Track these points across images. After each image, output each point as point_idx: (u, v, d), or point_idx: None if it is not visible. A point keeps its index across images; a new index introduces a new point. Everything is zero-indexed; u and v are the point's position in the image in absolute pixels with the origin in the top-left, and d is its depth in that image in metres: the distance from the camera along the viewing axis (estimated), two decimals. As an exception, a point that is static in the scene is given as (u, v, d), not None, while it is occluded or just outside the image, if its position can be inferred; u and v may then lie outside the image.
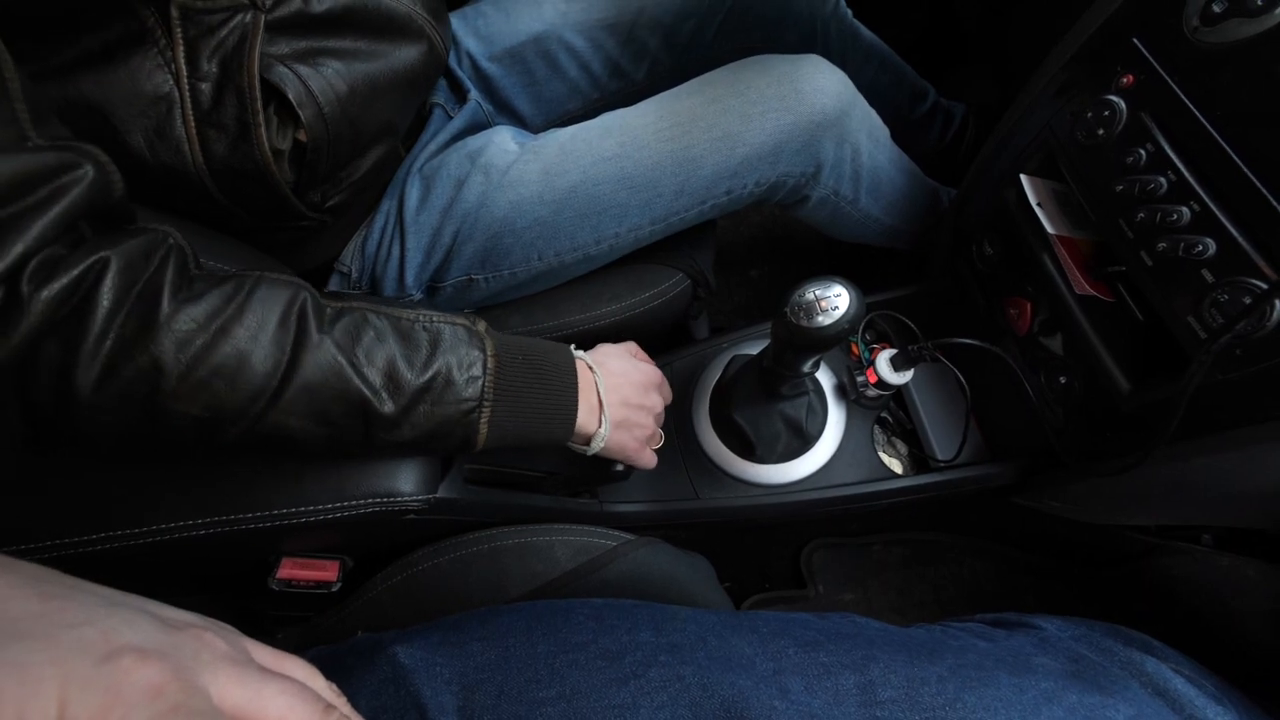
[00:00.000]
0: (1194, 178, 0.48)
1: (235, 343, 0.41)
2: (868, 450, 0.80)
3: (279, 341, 0.42)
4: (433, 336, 0.50)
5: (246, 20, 0.55)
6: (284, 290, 0.44)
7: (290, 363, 0.42)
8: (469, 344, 0.51)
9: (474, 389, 0.50)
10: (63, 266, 0.36)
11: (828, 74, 0.72)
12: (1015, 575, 1.04)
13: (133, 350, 0.38)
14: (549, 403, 0.55)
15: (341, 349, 0.45)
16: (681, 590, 0.65)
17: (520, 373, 0.53)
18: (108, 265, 0.38)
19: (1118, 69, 0.53)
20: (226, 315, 0.41)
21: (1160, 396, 0.52)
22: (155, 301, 0.39)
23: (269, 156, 0.57)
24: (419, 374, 0.47)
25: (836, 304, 0.54)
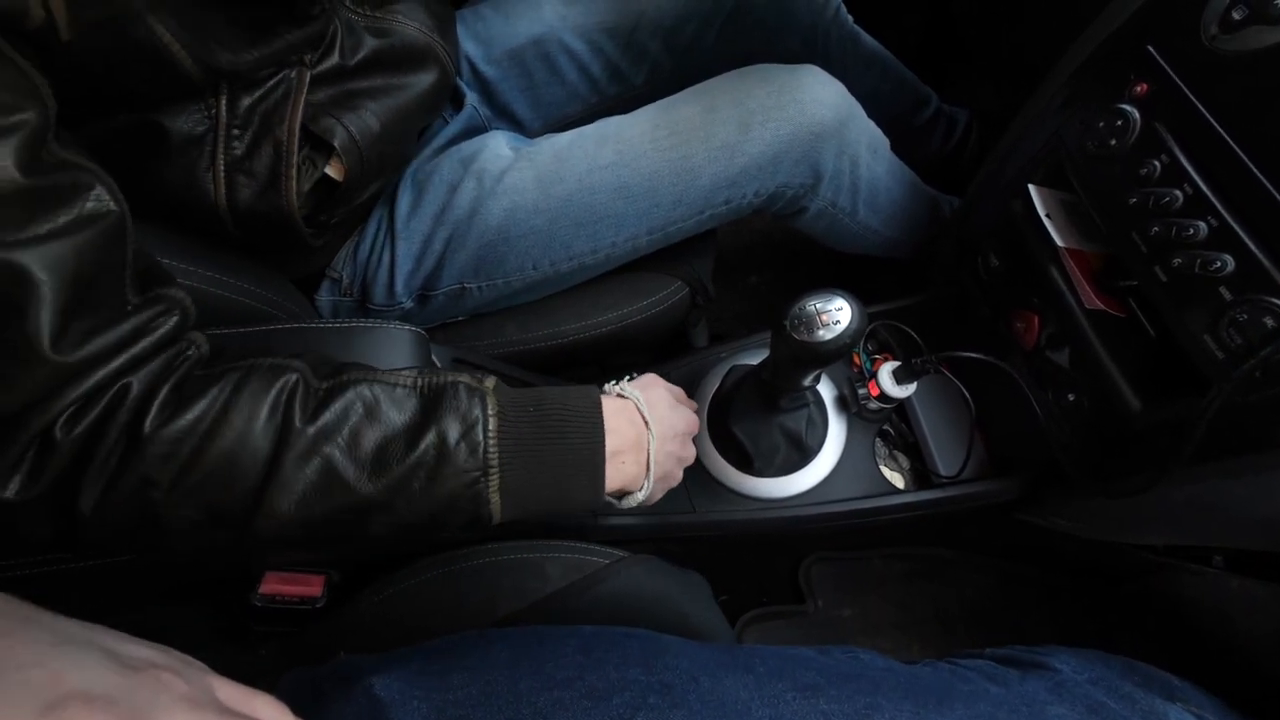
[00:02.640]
0: (1211, 191, 0.46)
1: (221, 445, 0.40)
2: (869, 464, 0.79)
3: (266, 436, 0.41)
4: (426, 402, 0.44)
5: (292, 76, 0.55)
6: (273, 380, 0.42)
7: (273, 462, 0.40)
8: (469, 404, 0.45)
9: (475, 458, 0.44)
10: (90, 405, 0.38)
11: (826, 84, 0.71)
12: (1018, 590, 1.02)
13: (125, 471, 0.38)
14: (572, 459, 0.48)
15: (326, 438, 0.42)
16: (675, 610, 0.63)
17: (532, 429, 0.46)
18: (128, 391, 0.39)
19: (1130, 77, 0.51)
20: (212, 418, 0.40)
21: (1173, 417, 0.50)
22: (140, 417, 0.39)
23: (295, 204, 0.57)
24: (409, 447, 0.43)
25: (838, 318, 0.52)
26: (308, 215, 0.61)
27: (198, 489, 0.40)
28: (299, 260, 0.70)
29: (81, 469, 0.38)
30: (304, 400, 0.42)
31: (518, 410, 0.46)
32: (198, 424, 0.39)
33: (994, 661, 0.54)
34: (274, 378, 0.42)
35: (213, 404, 0.40)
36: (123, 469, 0.38)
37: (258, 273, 0.64)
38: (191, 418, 0.39)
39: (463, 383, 0.46)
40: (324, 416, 0.42)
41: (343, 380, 0.44)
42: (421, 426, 0.43)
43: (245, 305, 0.61)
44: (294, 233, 0.59)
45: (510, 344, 0.77)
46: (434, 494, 0.43)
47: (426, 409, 0.44)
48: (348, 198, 0.62)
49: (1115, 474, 0.57)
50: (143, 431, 0.38)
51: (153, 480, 0.39)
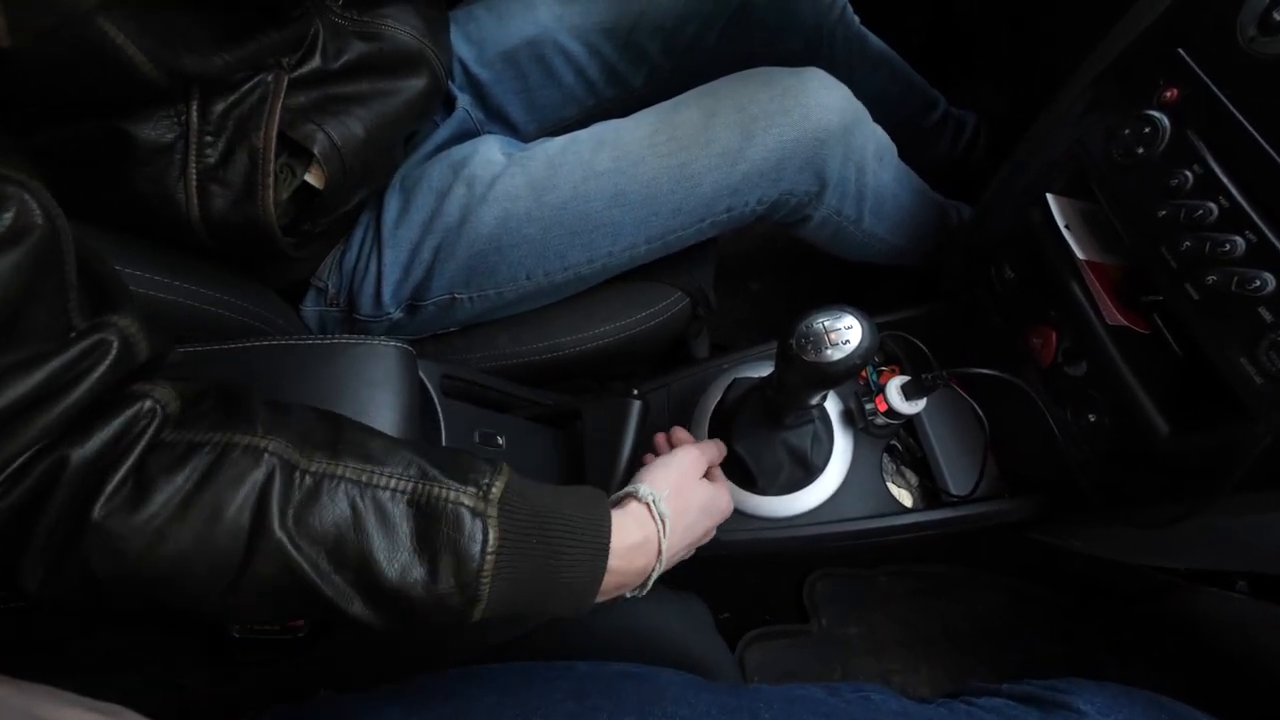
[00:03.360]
0: (1249, 204, 0.43)
1: (178, 544, 0.35)
2: (876, 481, 0.76)
3: (235, 536, 0.36)
4: (420, 521, 0.40)
5: (269, 80, 0.52)
6: (248, 469, 0.37)
7: (243, 563, 0.36)
8: (470, 532, 0.40)
9: (465, 594, 0.40)
10: (21, 475, 0.33)
11: (831, 88, 0.68)
12: (1028, 610, 0.99)
13: (64, 563, 0.35)
14: (563, 592, 0.44)
15: (304, 552, 0.37)
16: (674, 641, 0.60)
17: (530, 562, 0.42)
18: (64, 466, 0.34)
19: (1160, 82, 0.48)
20: (169, 514, 0.35)
21: (1208, 445, 0.47)
22: (88, 505, 0.34)
23: (272, 214, 0.54)
24: (398, 574, 0.38)
25: (848, 337, 0.49)
26: (288, 225, 0.58)
27: (146, 589, 0.36)
28: (281, 270, 0.67)
29: (18, 549, 0.34)
30: (283, 492, 0.37)
31: (522, 540, 0.42)
32: (152, 520, 0.35)
33: (1012, 700, 0.52)
34: (249, 467, 0.37)
35: (173, 496, 0.35)
36: (66, 555, 0.34)
37: (238, 283, 0.61)
38: (147, 513, 0.35)
39: (465, 506, 0.40)
40: (304, 525, 0.37)
41: (334, 473, 0.39)
42: (412, 556, 0.39)
43: (225, 318, 0.58)
44: (272, 244, 0.56)
45: (502, 357, 0.75)
46: (415, 615, 0.40)
47: (421, 531, 0.39)
48: (330, 206, 0.60)
49: (1140, 499, 0.54)
50: (89, 518, 0.34)
51: (96, 575, 0.35)
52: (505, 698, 0.42)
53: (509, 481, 0.43)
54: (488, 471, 0.43)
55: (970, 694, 0.53)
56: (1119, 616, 0.97)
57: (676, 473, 0.53)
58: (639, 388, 0.82)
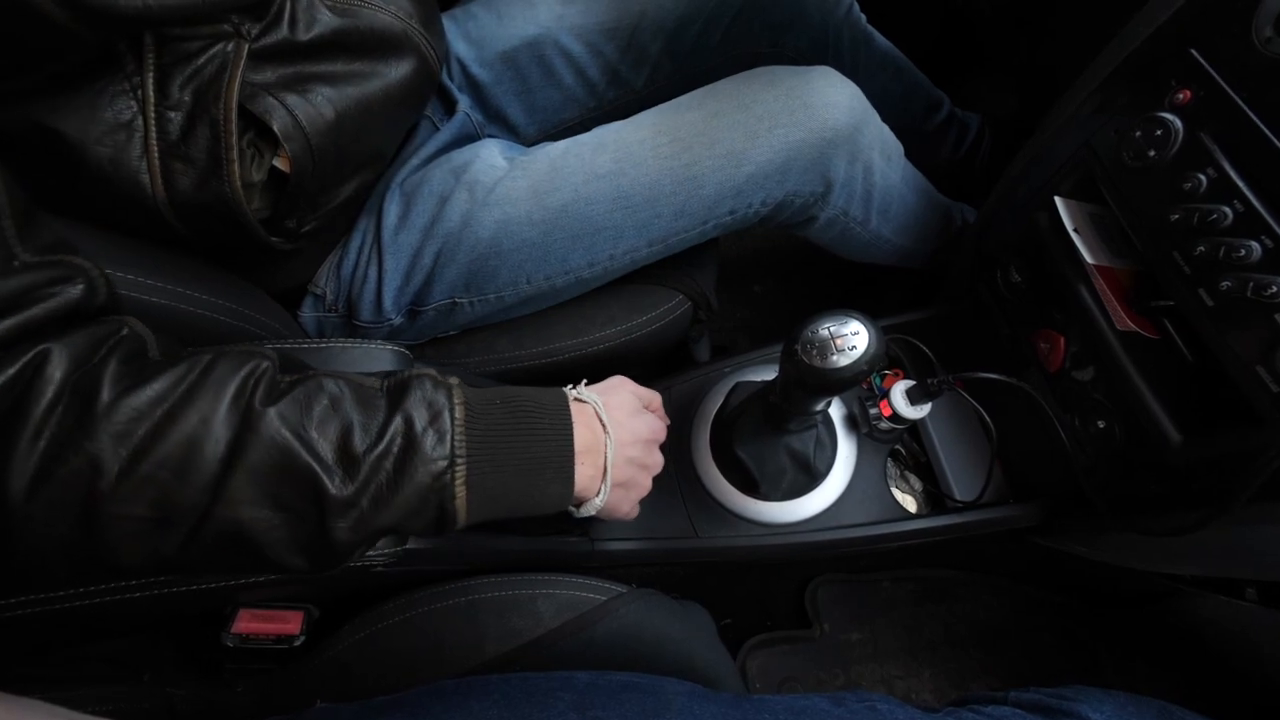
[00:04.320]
0: (1265, 208, 0.42)
1: (183, 429, 0.36)
2: (880, 487, 0.75)
3: (229, 422, 0.37)
4: (391, 395, 0.43)
5: (228, 49, 0.50)
6: (240, 365, 0.39)
7: (235, 443, 0.37)
8: (434, 393, 0.44)
9: (443, 446, 0.42)
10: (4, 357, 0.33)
11: (839, 87, 0.67)
12: (1030, 614, 0.98)
13: (66, 449, 0.34)
14: (540, 452, 0.47)
15: (287, 422, 0.39)
16: (676, 650, 0.59)
17: (500, 419, 0.45)
18: (48, 358, 0.34)
19: (1172, 83, 0.47)
20: (174, 399, 0.36)
21: (1222, 453, 0.46)
22: (93, 392, 0.34)
23: (240, 193, 0.52)
24: (375, 438, 0.41)
25: (854, 343, 0.49)
26: (270, 219, 0.56)
27: (150, 479, 0.35)
28: (277, 272, 0.66)
29: (6, 445, 0.33)
30: (269, 387, 0.40)
31: (484, 403, 0.45)
32: (159, 402, 0.35)
33: (1020, 708, 0.51)
34: (243, 362, 0.39)
35: (178, 382, 0.36)
36: (67, 443, 0.33)
37: (233, 288, 0.60)
38: (152, 394, 0.35)
39: (428, 376, 0.45)
40: (286, 401, 0.39)
41: (308, 374, 0.42)
42: (388, 416, 0.42)
43: (220, 322, 0.57)
44: (248, 229, 0.54)
45: (503, 361, 0.74)
46: (401, 486, 0.41)
47: (393, 401, 0.42)
48: (308, 198, 0.58)
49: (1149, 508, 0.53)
50: (95, 405, 0.34)
51: (100, 465, 0.34)
52: (505, 710, 0.41)
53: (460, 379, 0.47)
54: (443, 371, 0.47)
55: (977, 702, 0.53)
56: (1121, 621, 0.96)
57: (608, 387, 0.56)
58: (640, 392, 0.81)
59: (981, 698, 0.53)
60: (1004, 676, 0.94)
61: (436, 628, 0.57)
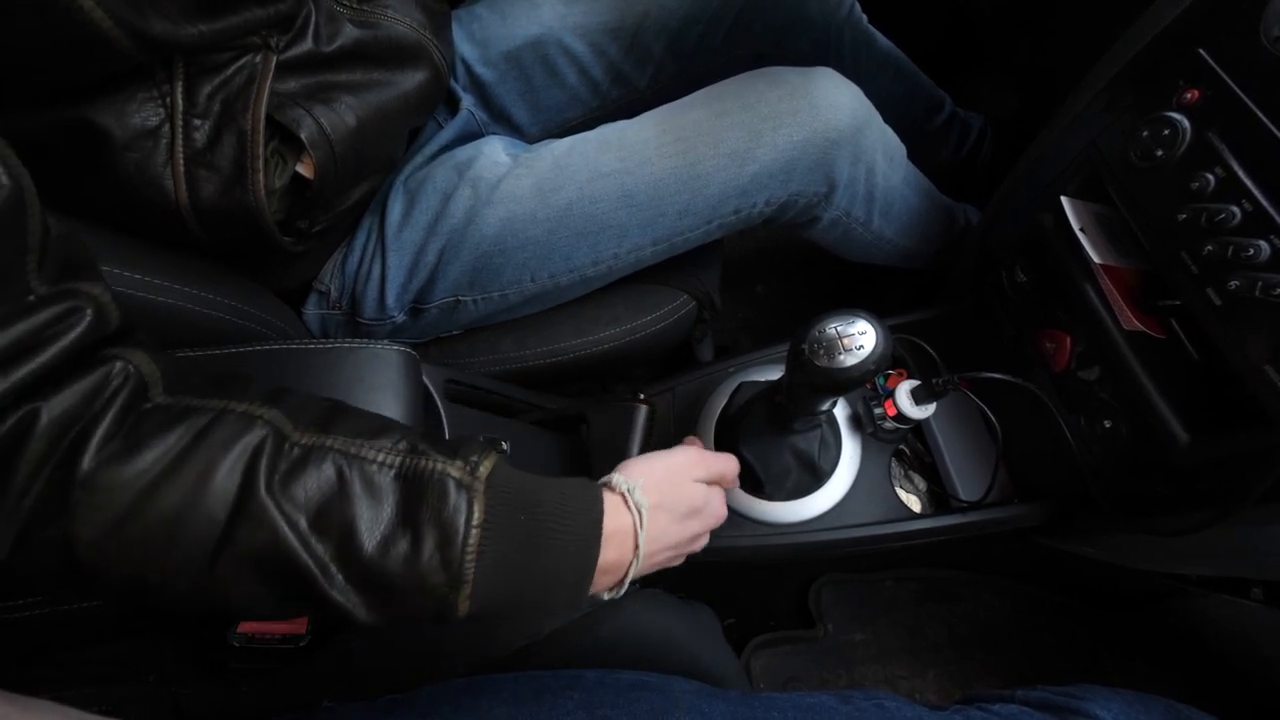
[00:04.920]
0: (1274, 207, 0.42)
1: (167, 505, 0.34)
2: (884, 487, 0.75)
3: (221, 500, 0.35)
4: (406, 492, 0.38)
5: (257, 61, 0.51)
6: (241, 431, 0.37)
7: (227, 527, 0.35)
8: (454, 507, 0.38)
9: (447, 572, 0.37)
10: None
11: (842, 87, 0.67)
12: (1033, 614, 0.98)
13: (44, 520, 0.33)
14: (553, 583, 0.42)
15: (286, 515, 0.36)
16: (681, 649, 0.59)
17: (518, 542, 0.40)
18: (36, 419, 0.32)
19: (1179, 83, 0.47)
20: (161, 470, 0.34)
21: (1230, 453, 0.46)
22: (75, 461, 0.33)
23: (264, 200, 0.52)
24: (379, 546, 0.37)
25: (861, 343, 0.48)
26: (284, 220, 0.57)
27: (126, 555, 0.34)
28: (282, 271, 0.66)
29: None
30: (271, 460, 0.37)
31: (509, 517, 0.40)
32: (143, 475, 0.34)
33: (1027, 706, 0.51)
34: (242, 430, 0.37)
35: (166, 452, 0.35)
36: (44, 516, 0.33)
37: (238, 286, 0.60)
38: (139, 467, 0.34)
39: (451, 477, 0.39)
40: (291, 489, 0.36)
41: (323, 444, 0.38)
42: (395, 529, 0.37)
43: (224, 321, 0.57)
44: (267, 235, 0.55)
45: (506, 361, 0.74)
46: (395, 599, 0.38)
47: (406, 503, 0.38)
48: (325, 201, 0.58)
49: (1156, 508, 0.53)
50: (76, 473, 0.33)
51: (75, 539, 0.33)
52: (514, 709, 0.41)
53: (498, 461, 0.42)
54: (479, 449, 0.41)
55: (984, 700, 0.53)
56: (1122, 621, 0.96)
57: (662, 468, 0.49)
58: (644, 391, 0.81)
59: (988, 696, 0.53)
60: (1007, 677, 0.94)
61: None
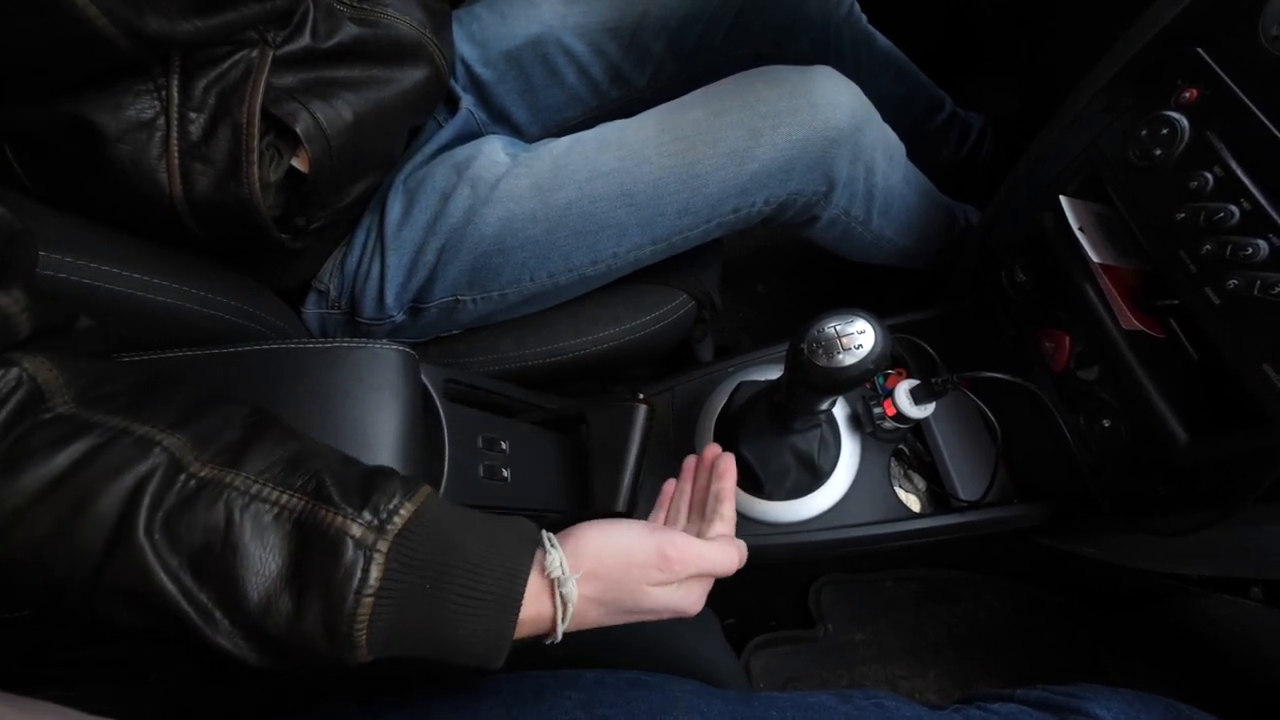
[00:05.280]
0: (1272, 207, 0.42)
1: (37, 530, 0.33)
2: (884, 486, 0.75)
3: (99, 532, 0.33)
4: (297, 546, 0.35)
5: (253, 55, 0.51)
6: (133, 460, 0.34)
7: (99, 565, 0.33)
8: (349, 567, 0.35)
9: (331, 640, 0.35)
10: None
11: (841, 86, 0.67)
12: (1032, 614, 0.98)
13: None
14: (460, 646, 0.38)
15: (163, 559, 0.33)
16: (681, 647, 0.59)
17: (419, 613, 0.36)
18: None
19: (1178, 82, 0.47)
20: (36, 491, 0.32)
21: (1229, 452, 0.46)
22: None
23: (258, 194, 0.52)
24: (262, 603, 0.34)
25: (860, 342, 0.49)
26: (281, 216, 0.57)
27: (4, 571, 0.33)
28: (281, 270, 0.66)
29: None
30: (157, 495, 0.34)
31: (410, 584, 0.36)
32: (10, 497, 0.32)
33: (1027, 706, 0.51)
34: (134, 458, 0.34)
35: (44, 475, 0.33)
36: None
37: (237, 285, 0.60)
38: (17, 485, 0.32)
39: (350, 536, 0.35)
40: (176, 527, 0.34)
41: (221, 480, 0.35)
42: (279, 586, 0.34)
43: (224, 321, 0.57)
44: (262, 230, 0.55)
45: (506, 360, 0.74)
46: (288, 647, 0.35)
47: (295, 558, 0.35)
48: (321, 197, 0.58)
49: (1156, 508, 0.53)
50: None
51: None
52: (513, 709, 0.41)
53: (420, 510, 0.37)
54: (397, 495, 0.37)
55: (983, 700, 0.53)
56: (1122, 621, 0.96)
57: (619, 561, 0.42)
58: (644, 391, 0.81)
59: (988, 695, 0.53)
60: (1007, 677, 0.94)
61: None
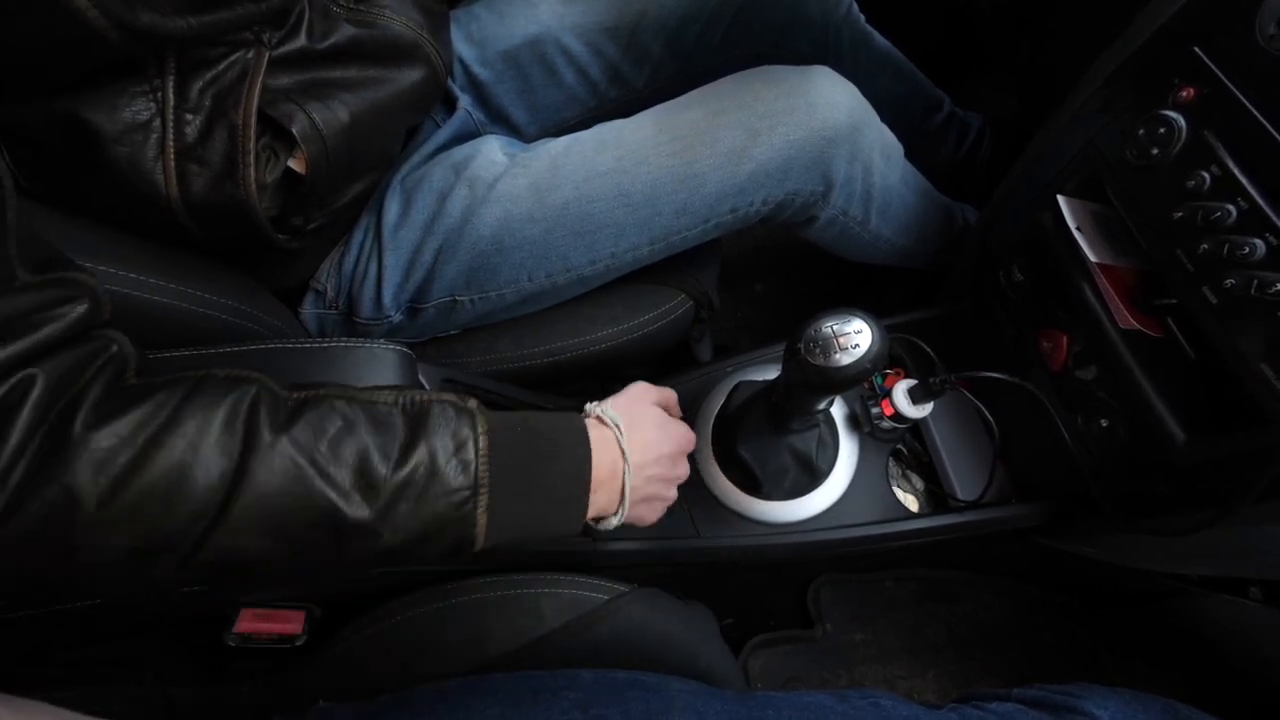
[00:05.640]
0: (1269, 206, 0.42)
1: (170, 455, 0.34)
2: (882, 486, 0.75)
3: (224, 448, 0.36)
4: (412, 419, 0.41)
5: (249, 56, 0.51)
6: (230, 388, 0.38)
7: (238, 471, 0.36)
8: (457, 422, 0.42)
9: (466, 476, 0.41)
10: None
11: (839, 87, 0.67)
12: (1032, 614, 0.98)
13: (40, 481, 0.32)
14: (558, 486, 0.46)
15: (301, 448, 0.37)
16: (679, 648, 0.59)
17: (521, 450, 0.44)
18: (33, 384, 0.33)
19: (1175, 81, 0.47)
20: (158, 423, 0.35)
21: (1226, 453, 0.46)
22: (70, 419, 0.33)
23: (254, 195, 0.52)
24: (397, 465, 0.39)
25: (857, 341, 0.48)
26: (277, 217, 0.57)
27: (133, 509, 0.34)
28: (279, 269, 0.66)
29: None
30: (272, 410, 0.38)
31: (507, 431, 0.44)
32: (141, 428, 0.34)
33: (1023, 705, 0.51)
34: (231, 387, 0.38)
35: (160, 407, 0.35)
36: (40, 477, 0.32)
37: (235, 285, 0.60)
38: (135, 420, 0.34)
39: (449, 401, 0.43)
40: (297, 426, 0.38)
41: (319, 393, 0.40)
42: (410, 443, 0.40)
43: (221, 321, 0.57)
44: (260, 231, 0.55)
45: (504, 360, 0.74)
46: (422, 515, 0.40)
47: (414, 427, 0.41)
48: (319, 197, 0.58)
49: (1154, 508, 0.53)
50: (71, 431, 0.33)
51: (78, 496, 0.32)
52: (509, 709, 0.41)
53: (478, 400, 0.46)
54: (458, 392, 0.46)
55: (980, 699, 0.53)
56: (1122, 621, 0.96)
57: (622, 398, 0.55)
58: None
59: (985, 695, 0.53)
60: (1007, 677, 0.94)
61: (439, 627, 0.56)
